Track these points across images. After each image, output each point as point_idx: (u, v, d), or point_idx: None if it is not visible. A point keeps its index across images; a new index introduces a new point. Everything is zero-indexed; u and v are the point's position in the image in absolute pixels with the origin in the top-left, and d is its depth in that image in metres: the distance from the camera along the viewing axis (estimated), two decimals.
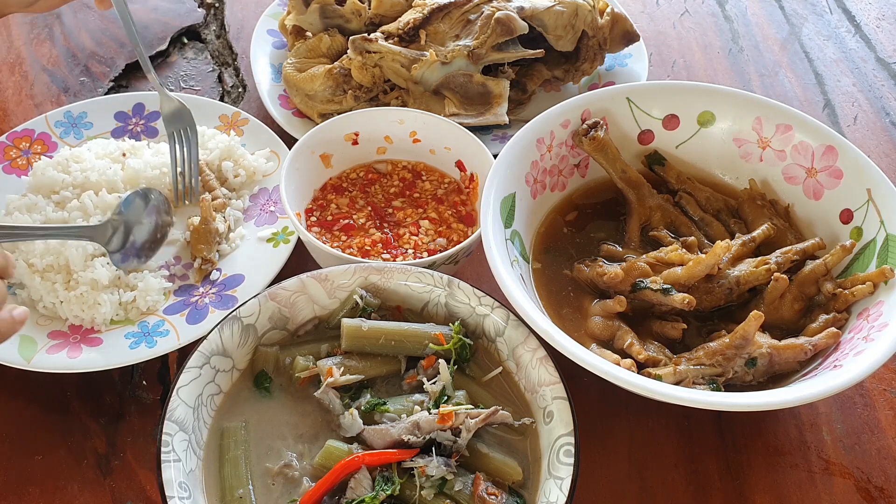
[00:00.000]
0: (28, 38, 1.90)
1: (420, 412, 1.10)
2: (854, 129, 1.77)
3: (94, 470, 1.24)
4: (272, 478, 1.08)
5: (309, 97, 1.61)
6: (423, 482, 1.05)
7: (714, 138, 1.46)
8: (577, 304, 1.31)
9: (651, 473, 1.25)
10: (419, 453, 1.08)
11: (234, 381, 1.17)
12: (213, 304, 1.36)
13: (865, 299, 1.26)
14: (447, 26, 1.59)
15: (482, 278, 1.42)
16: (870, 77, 1.89)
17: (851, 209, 1.34)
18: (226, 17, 1.96)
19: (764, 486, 1.24)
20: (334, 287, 1.21)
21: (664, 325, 1.26)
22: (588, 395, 1.26)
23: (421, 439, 1.08)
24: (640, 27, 1.85)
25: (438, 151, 1.51)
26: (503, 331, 1.18)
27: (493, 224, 1.25)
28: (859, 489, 1.24)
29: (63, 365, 1.27)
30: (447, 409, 1.08)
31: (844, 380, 1.10)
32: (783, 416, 1.31)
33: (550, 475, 1.05)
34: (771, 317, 1.27)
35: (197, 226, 1.42)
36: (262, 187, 1.54)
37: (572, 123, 1.42)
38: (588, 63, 1.69)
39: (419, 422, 1.08)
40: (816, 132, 1.39)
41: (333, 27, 1.68)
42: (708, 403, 1.09)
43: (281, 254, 1.41)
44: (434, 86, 1.59)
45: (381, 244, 1.40)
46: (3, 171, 1.53)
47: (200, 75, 1.82)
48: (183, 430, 1.06)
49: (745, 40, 1.97)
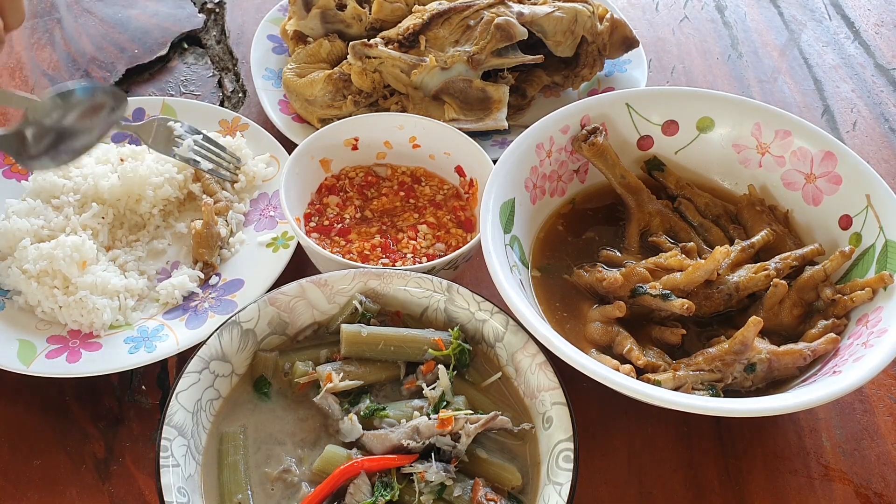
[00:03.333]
0: (28, 42, 1.90)
1: (420, 417, 1.10)
2: (853, 135, 1.77)
3: (92, 474, 1.23)
4: (271, 483, 1.08)
5: (309, 102, 1.61)
6: (423, 488, 1.05)
7: (713, 144, 1.46)
8: (577, 309, 1.31)
9: (650, 479, 1.25)
10: (418, 459, 1.08)
11: (234, 385, 1.17)
12: (213, 308, 1.36)
13: (864, 305, 1.26)
14: (447, 32, 1.60)
15: (481, 283, 1.42)
16: (869, 83, 1.89)
17: (850, 215, 1.34)
18: (226, 22, 1.96)
19: (763, 492, 1.23)
20: (334, 292, 1.22)
21: (663, 330, 1.26)
22: (587, 400, 1.26)
23: (420, 444, 1.08)
24: (640, 33, 1.86)
25: (438, 157, 1.51)
26: (502, 336, 1.18)
27: (492, 229, 1.25)
28: (858, 495, 1.24)
29: (62, 370, 1.27)
30: (447, 415, 1.08)
31: (844, 385, 1.10)
32: (782, 422, 1.31)
33: (549, 480, 1.05)
34: (770, 322, 1.27)
35: (199, 230, 1.42)
36: (262, 192, 1.54)
37: (572, 129, 1.42)
38: (587, 69, 1.69)
39: (419, 426, 1.08)
40: (815, 138, 1.39)
41: (334, 32, 1.69)
42: (707, 409, 1.09)
43: (280, 259, 1.41)
44: (434, 91, 1.59)
45: (380, 248, 1.40)
46: (3, 176, 1.53)
47: (201, 80, 1.82)
48: (182, 434, 1.06)
49: (745, 46, 1.97)
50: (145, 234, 1.48)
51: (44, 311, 1.35)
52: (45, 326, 1.34)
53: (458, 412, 1.09)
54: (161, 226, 1.50)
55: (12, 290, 1.38)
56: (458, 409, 1.11)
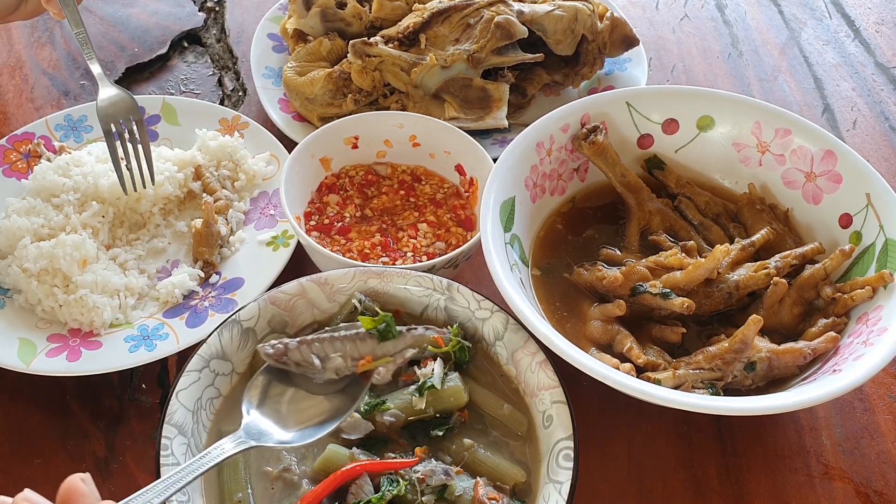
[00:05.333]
0: (28, 41, 1.90)
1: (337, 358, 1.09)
2: (853, 133, 1.77)
3: (93, 473, 1.23)
4: (271, 482, 1.08)
5: (309, 101, 1.61)
6: (424, 488, 1.05)
7: (713, 142, 1.46)
8: (577, 308, 1.31)
9: (650, 477, 1.25)
10: (421, 461, 1.08)
11: (234, 384, 1.17)
12: (213, 307, 1.36)
13: (865, 304, 1.26)
14: (447, 30, 1.60)
15: (481, 282, 1.42)
16: (869, 82, 1.89)
17: (851, 213, 1.34)
18: (226, 20, 1.96)
19: (763, 491, 1.24)
20: (334, 291, 1.22)
21: (663, 329, 1.27)
22: (587, 399, 1.26)
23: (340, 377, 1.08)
24: (640, 32, 1.86)
25: (438, 155, 1.51)
26: (502, 335, 1.18)
27: (492, 228, 1.25)
28: (858, 493, 1.24)
29: (62, 368, 1.27)
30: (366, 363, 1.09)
31: (844, 384, 1.10)
32: (782, 421, 1.31)
33: (549, 479, 1.05)
34: (770, 321, 1.27)
35: (199, 228, 1.42)
36: (262, 191, 1.54)
37: (572, 127, 1.42)
38: (588, 67, 1.69)
39: (337, 367, 1.08)
40: (816, 137, 1.39)
41: (334, 31, 1.69)
42: (707, 408, 1.09)
43: (280, 257, 1.41)
44: (434, 90, 1.59)
45: (380, 247, 1.40)
46: (3, 175, 1.53)
47: (201, 79, 1.82)
48: (182, 433, 1.06)
49: (745, 45, 1.97)
50: (145, 232, 1.48)
51: (44, 309, 1.35)
52: (46, 325, 1.34)
53: (380, 361, 1.10)
54: (161, 224, 1.50)
55: (12, 288, 1.38)
56: (456, 388, 1.12)
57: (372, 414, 1.12)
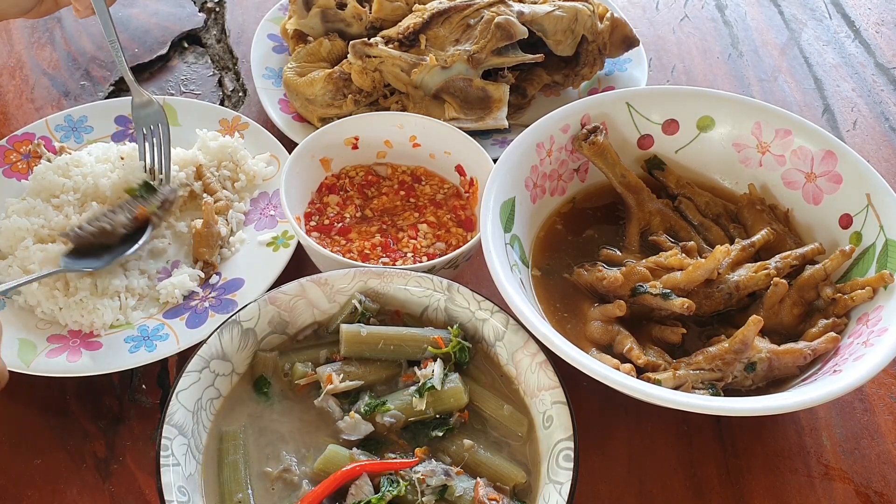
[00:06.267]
0: (29, 42, 1.90)
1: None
2: (853, 134, 1.77)
3: (93, 473, 1.23)
4: (271, 482, 1.08)
5: (309, 101, 1.61)
6: (424, 489, 1.05)
7: (713, 143, 1.46)
8: (577, 308, 1.31)
9: (650, 478, 1.25)
10: (421, 461, 1.08)
11: (234, 384, 1.17)
12: (213, 308, 1.36)
13: (865, 304, 1.26)
14: (447, 31, 1.60)
15: (482, 283, 1.42)
16: (869, 82, 1.89)
17: (851, 214, 1.34)
18: (226, 21, 1.96)
19: (763, 491, 1.24)
20: (334, 291, 1.22)
21: (664, 329, 1.27)
22: (587, 399, 1.26)
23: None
24: (640, 32, 1.86)
25: (438, 156, 1.51)
26: (503, 335, 1.18)
27: (492, 228, 1.25)
28: (859, 494, 1.24)
29: (63, 369, 1.27)
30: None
31: (844, 385, 1.10)
32: (783, 421, 1.31)
33: (550, 480, 1.05)
34: (770, 321, 1.27)
35: (199, 229, 1.42)
36: (262, 191, 1.54)
37: (572, 128, 1.42)
38: (588, 68, 1.69)
39: None
40: (816, 137, 1.39)
41: (334, 31, 1.69)
42: (707, 408, 1.09)
43: (281, 258, 1.41)
44: (434, 90, 1.59)
45: (380, 247, 1.40)
46: (3, 175, 1.53)
47: (201, 79, 1.83)
48: (182, 434, 1.06)
49: (745, 45, 1.97)
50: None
51: (44, 311, 1.35)
52: (46, 325, 1.34)
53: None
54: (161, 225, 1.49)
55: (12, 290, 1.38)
56: (456, 389, 1.13)
57: (372, 415, 1.12)
